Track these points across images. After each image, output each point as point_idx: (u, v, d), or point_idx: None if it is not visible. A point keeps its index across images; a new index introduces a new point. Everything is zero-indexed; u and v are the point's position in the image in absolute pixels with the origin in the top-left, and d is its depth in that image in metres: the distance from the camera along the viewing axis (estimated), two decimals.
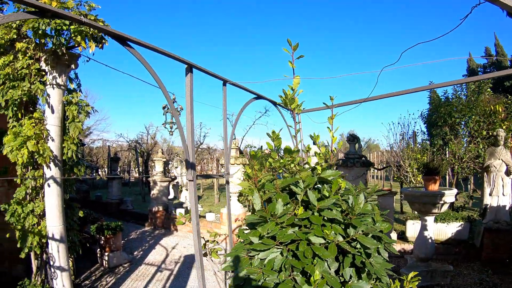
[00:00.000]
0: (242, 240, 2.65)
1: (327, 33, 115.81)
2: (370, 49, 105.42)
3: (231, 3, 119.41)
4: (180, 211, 14.41)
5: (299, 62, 3.25)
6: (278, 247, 2.39)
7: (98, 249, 10.08)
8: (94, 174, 33.65)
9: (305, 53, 3.17)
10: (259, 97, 4.52)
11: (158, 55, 3.07)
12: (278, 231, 2.42)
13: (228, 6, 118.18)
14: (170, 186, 17.94)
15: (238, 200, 12.28)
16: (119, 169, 26.63)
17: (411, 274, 2.95)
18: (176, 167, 21.64)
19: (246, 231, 2.75)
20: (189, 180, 3.23)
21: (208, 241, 4.33)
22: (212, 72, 3.69)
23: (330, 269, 2.35)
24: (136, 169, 37.43)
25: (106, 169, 41.51)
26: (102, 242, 9.79)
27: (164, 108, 7.28)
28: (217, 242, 4.42)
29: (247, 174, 2.80)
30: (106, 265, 9.67)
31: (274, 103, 4.74)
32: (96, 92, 66.47)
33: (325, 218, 2.51)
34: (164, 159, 15.91)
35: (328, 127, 3.25)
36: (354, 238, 2.41)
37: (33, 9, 2.21)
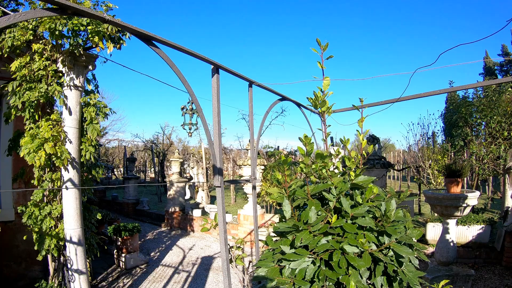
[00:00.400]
0: (271, 248, 2.55)
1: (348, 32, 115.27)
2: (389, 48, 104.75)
3: (253, 2, 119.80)
4: (196, 212, 14.33)
5: (317, 61, 3.13)
6: (310, 256, 2.28)
7: (115, 250, 10.07)
8: (110, 174, 33.78)
9: (330, 52, 3.06)
10: (284, 98, 4.39)
11: (178, 55, 2.96)
12: (311, 239, 2.32)
13: (250, 4, 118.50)
14: (187, 187, 17.92)
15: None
16: (135, 169, 26.72)
17: (443, 282, 2.83)
18: (193, 167, 21.61)
19: (275, 239, 2.65)
20: (217, 187, 3.11)
21: (232, 247, 4.21)
22: (238, 73, 3.56)
23: (361, 278, 2.25)
24: (152, 169, 37.55)
25: (121, 169, 41.85)
26: (119, 243, 9.77)
27: (182, 109, 7.18)
28: (242, 248, 4.29)
29: (276, 180, 2.68)
30: (123, 266, 9.65)
31: (299, 105, 4.63)
32: (111, 92, 66.78)
33: (357, 225, 2.40)
34: (181, 160, 15.86)
35: (357, 130, 3.12)
36: (388, 246, 2.30)
37: (52, 7, 2.13)
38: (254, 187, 4.14)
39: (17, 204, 7.57)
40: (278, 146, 17.75)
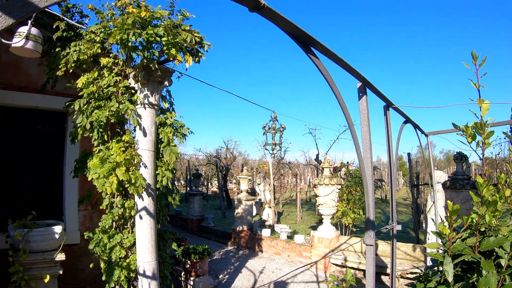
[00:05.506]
0: None
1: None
2: None
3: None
4: (265, 231, 13.75)
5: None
6: None
7: (183, 273, 9.60)
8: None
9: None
10: (407, 121, 3.77)
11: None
12: None
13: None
14: (253, 204, 17.55)
15: (331, 222, 11.52)
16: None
17: None
18: (259, 184, 21.13)
19: None
20: (368, 245, 2.40)
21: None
22: (381, 92, 2.83)
23: None
24: (216, 184, 37.66)
25: (182, 181, 42.26)
26: (188, 266, 9.31)
27: (264, 128, 6.61)
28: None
29: (437, 233, 1.97)
30: None
31: (416, 127, 4.00)
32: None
33: None
34: (249, 177, 15.42)
35: None
36: None
37: None
38: (394, 236, 3.31)
39: (83, 226, 7.35)
40: (348, 162, 17.18)
